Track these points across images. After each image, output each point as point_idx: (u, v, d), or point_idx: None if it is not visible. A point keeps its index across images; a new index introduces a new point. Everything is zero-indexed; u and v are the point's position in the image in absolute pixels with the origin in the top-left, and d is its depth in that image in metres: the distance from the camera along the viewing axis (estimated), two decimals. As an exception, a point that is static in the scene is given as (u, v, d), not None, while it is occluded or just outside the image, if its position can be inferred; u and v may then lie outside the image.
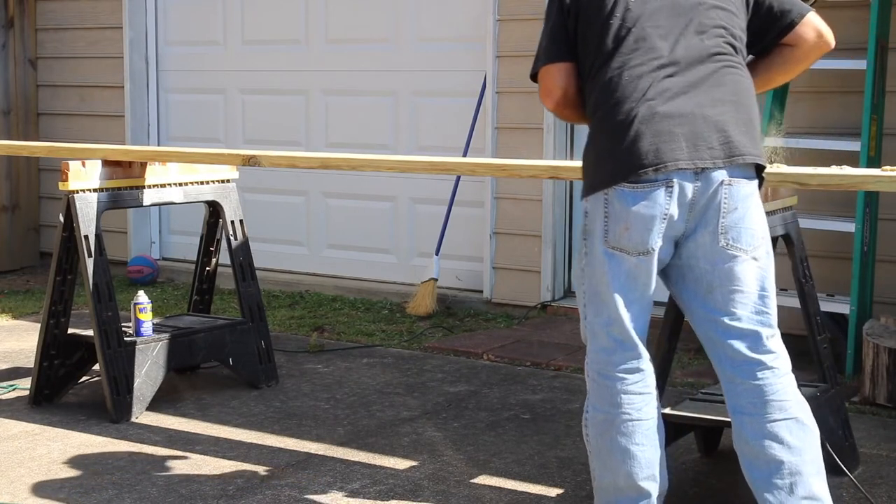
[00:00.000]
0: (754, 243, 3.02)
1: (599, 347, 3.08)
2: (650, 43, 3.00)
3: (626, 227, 2.97)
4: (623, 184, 2.95)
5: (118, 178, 4.57)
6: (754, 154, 3.00)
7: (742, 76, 3.07)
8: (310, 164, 4.69)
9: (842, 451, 3.84)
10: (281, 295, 6.84)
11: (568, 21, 3.10)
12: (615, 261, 3.01)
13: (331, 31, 6.99)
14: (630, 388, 3.05)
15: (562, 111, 3.19)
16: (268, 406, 4.69)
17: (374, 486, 3.78)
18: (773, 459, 2.99)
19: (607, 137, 3.00)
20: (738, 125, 2.99)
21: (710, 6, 3.05)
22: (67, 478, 3.86)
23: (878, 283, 5.25)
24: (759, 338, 3.02)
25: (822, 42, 3.16)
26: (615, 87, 2.99)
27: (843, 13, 5.32)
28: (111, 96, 7.60)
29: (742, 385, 3.03)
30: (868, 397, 4.61)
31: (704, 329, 3.08)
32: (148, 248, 7.65)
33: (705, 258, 3.01)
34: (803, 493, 2.99)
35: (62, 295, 4.60)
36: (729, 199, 2.97)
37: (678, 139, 2.94)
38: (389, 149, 6.73)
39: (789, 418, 3.01)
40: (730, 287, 3.01)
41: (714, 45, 3.03)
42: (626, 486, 3.05)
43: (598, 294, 3.05)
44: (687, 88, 2.98)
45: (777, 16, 3.12)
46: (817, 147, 5.17)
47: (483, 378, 5.09)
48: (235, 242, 4.93)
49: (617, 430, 3.04)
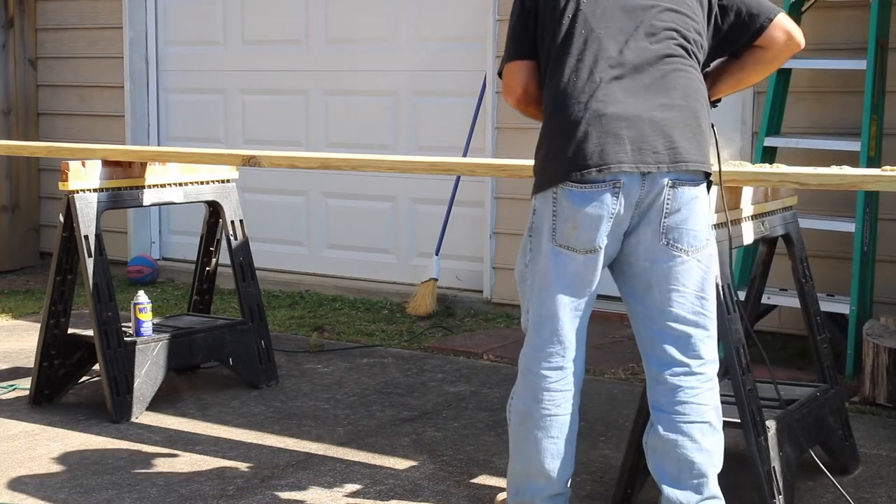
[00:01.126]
0: (697, 245, 3.06)
1: (530, 343, 3.16)
2: (600, 44, 3.05)
3: (573, 226, 3.03)
4: (571, 183, 3.01)
5: (118, 178, 4.57)
6: (698, 161, 3.04)
7: (693, 79, 3.10)
8: (310, 164, 4.69)
9: (842, 451, 3.84)
10: (281, 295, 6.84)
11: (528, 20, 3.16)
12: (562, 259, 3.07)
13: (331, 31, 6.99)
14: (552, 386, 3.13)
15: (523, 108, 3.25)
16: (268, 406, 4.69)
17: (374, 486, 3.78)
18: (684, 458, 3.07)
19: (556, 137, 3.06)
20: (684, 131, 3.03)
21: (662, 9, 3.09)
22: (67, 478, 3.86)
23: (878, 283, 5.25)
24: (690, 340, 3.08)
25: (792, 43, 3.19)
26: (565, 87, 3.05)
27: (843, 13, 5.33)
28: (111, 96, 7.60)
29: (665, 384, 3.10)
30: (868, 397, 4.61)
31: (640, 325, 3.14)
32: (148, 248, 7.65)
33: (645, 255, 3.06)
34: (708, 493, 3.09)
35: (62, 295, 4.60)
36: (672, 201, 3.03)
37: (623, 142, 2.99)
38: (389, 149, 6.73)
39: (704, 422, 3.08)
40: (668, 286, 3.06)
41: (664, 48, 3.07)
42: (536, 473, 3.17)
43: (539, 291, 3.12)
44: (635, 91, 3.03)
45: (746, 20, 3.16)
46: (817, 147, 5.17)
47: (483, 378, 5.09)
48: (235, 242, 4.93)
49: (535, 423, 3.14)
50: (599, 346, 5.57)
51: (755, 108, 5.51)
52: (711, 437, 3.09)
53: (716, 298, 3.13)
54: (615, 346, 5.61)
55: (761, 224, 3.60)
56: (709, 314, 3.09)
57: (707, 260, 3.09)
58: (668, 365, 3.09)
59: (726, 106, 5.73)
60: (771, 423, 3.36)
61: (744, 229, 3.48)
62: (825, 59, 5.30)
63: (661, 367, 3.10)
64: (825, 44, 5.36)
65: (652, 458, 3.14)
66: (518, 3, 3.20)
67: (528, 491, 3.21)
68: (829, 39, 5.36)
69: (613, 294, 6.15)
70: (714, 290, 3.12)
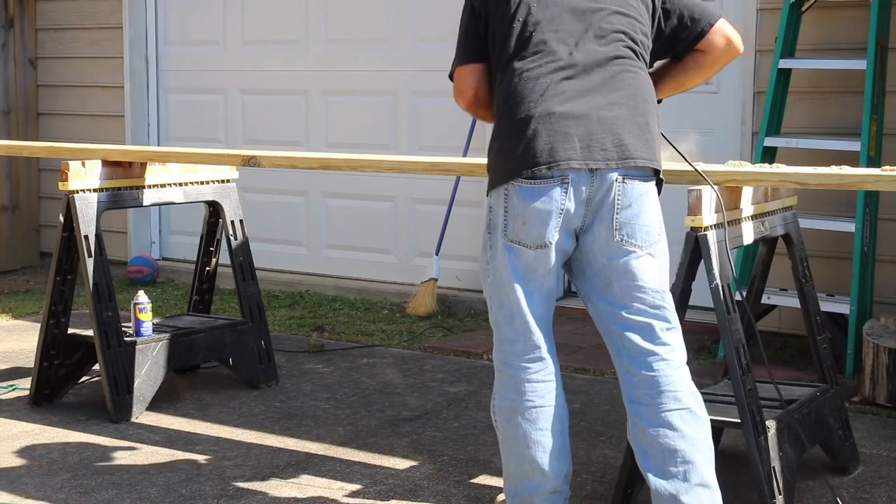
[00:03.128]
0: (650, 240, 3.13)
1: (503, 338, 3.20)
2: (550, 47, 3.12)
3: (523, 221, 3.10)
4: (521, 180, 3.08)
5: (118, 178, 4.57)
6: (646, 158, 3.11)
7: (640, 80, 3.18)
8: (310, 164, 4.69)
9: (842, 451, 3.84)
10: (281, 295, 6.84)
11: (478, 24, 3.24)
12: (515, 254, 3.14)
13: (331, 31, 6.99)
14: (533, 377, 3.18)
15: (474, 110, 3.33)
16: (268, 406, 4.69)
17: (374, 486, 3.78)
18: (667, 448, 3.09)
19: (507, 136, 3.13)
20: (632, 129, 3.11)
21: (610, 12, 3.17)
22: (67, 478, 3.86)
23: (878, 283, 5.25)
24: (654, 330, 3.13)
25: (731, 48, 3.27)
26: (516, 87, 3.12)
27: (843, 13, 5.33)
28: (111, 96, 7.60)
29: (638, 376, 3.14)
30: (868, 397, 4.61)
31: (604, 321, 3.19)
32: (148, 248, 7.65)
33: (602, 252, 3.13)
34: (696, 481, 3.07)
35: (62, 295, 4.60)
36: (623, 197, 3.09)
37: (573, 139, 3.06)
38: (389, 149, 6.73)
39: (683, 408, 3.11)
40: (627, 281, 3.12)
41: (613, 50, 3.15)
42: (531, 470, 3.18)
43: (501, 286, 3.18)
44: (584, 91, 3.10)
45: (688, 24, 3.25)
46: (817, 147, 5.17)
47: (483, 378, 5.09)
48: (235, 242, 4.93)
49: (522, 416, 3.18)
50: (599, 346, 5.55)
51: (755, 108, 5.51)
52: (693, 424, 3.11)
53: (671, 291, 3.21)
54: (615, 346, 5.61)
55: (761, 224, 3.60)
56: (668, 306, 3.16)
57: (660, 254, 3.17)
58: (638, 355, 3.14)
59: (727, 106, 5.78)
60: (771, 423, 3.36)
61: (744, 229, 3.48)
62: (825, 59, 5.31)
63: (631, 358, 3.15)
64: (825, 44, 5.36)
65: (638, 453, 3.17)
66: (468, 7, 3.27)
67: (525, 490, 3.21)
68: (829, 39, 5.36)
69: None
70: (668, 283, 3.19)
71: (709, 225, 3.29)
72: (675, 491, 3.07)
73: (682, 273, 3.36)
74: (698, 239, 3.29)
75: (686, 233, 3.32)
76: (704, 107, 5.89)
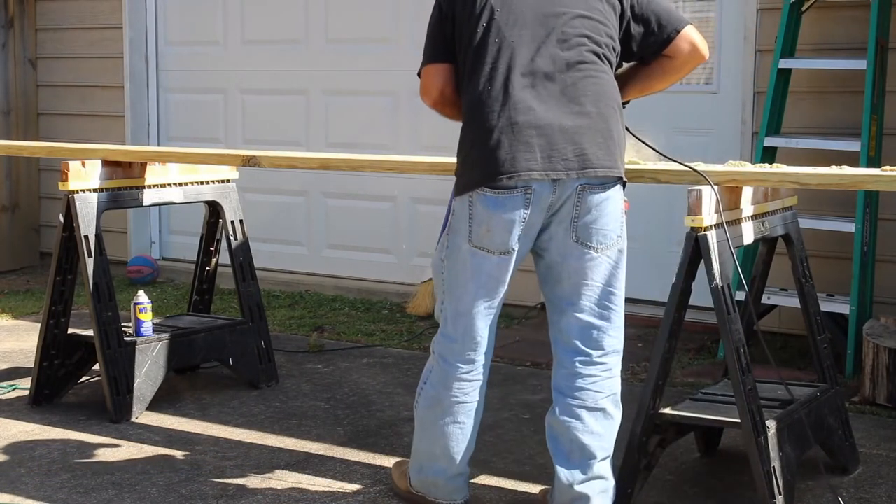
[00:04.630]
0: (606, 243, 3.25)
1: (447, 333, 3.39)
2: (513, 52, 3.20)
3: (487, 229, 3.21)
4: (485, 189, 3.19)
5: (118, 178, 4.57)
6: (607, 166, 3.20)
7: (604, 84, 3.24)
8: (310, 164, 4.68)
9: (842, 451, 3.84)
10: (281, 295, 6.84)
11: (445, 25, 3.32)
12: (478, 259, 3.26)
13: (331, 31, 6.99)
14: (463, 376, 3.38)
15: (440, 109, 3.44)
16: (268, 406, 4.69)
17: (374, 486, 3.78)
18: (575, 440, 3.30)
19: (472, 144, 3.24)
20: (594, 137, 3.19)
21: (574, 16, 3.22)
22: (67, 478, 3.86)
23: (878, 283, 5.25)
24: (594, 330, 3.29)
25: (696, 55, 3.34)
26: (479, 94, 3.21)
27: (843, 13, 5.33)
28: (111, 96, 7.60)
29: (566, 369, 3.33)
30: (868, 397, 4.61)
31: (550, 312, 3.38)
32: (148, 248, 7.65)
33: (557, 251, 3.27)
34: (593, 474, 3.32)
35: (62, 295, 4.60)
36: (582, 204, 3.21)
37: (534, 150, 3.15)
38: (389, 149, 6.72)
39: (598, 409, 3.31)
40: (577, 280, 3.27)
41: (575, 55, 3.21)
42: (441, 455, 3.42)
43: (456, 287, 3.33)
44: (546, 99, 3.18)
45: (655, 29, 3.31)
46: (817, 147, 5.17)
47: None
48: (235, 242, 4.93)
49: (443, 409, 3.39)
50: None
51: (755, 108, 5.51)
52: (603, 422, 3.32)
53: (624, 291, 3.32)
54: (615, 346, 5.61)
55: (761, 224, 3.60)
56: (615, 307, 3.30)
57: (616, 256, 3.28)
58: (572, 352, 3.30)
59: (727, 106, 5.78)
60: (771, 423, 3.36)
61: (744, 229, 3.48)
62: (825, 59, 5.31)
63: (565, 353, 3.32)
64: (825, 44, 5.36)
65: (549, 437, 3.38)
66: (436, 8, 3.36)
67: (432, 470, 3.46)
68: (829, 39, 5.36)
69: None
70: (623, 284, 3.31)
71: (709, 225, 3.29)
72: (573, 479, 3.31)
73: (682, 273, 3.36)
74: (698, 239, 3.29)
75: (686, 233, 3.32)
76: (704, 107, 5.90)
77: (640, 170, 3.54)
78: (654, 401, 3.45)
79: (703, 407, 3.64)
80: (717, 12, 5.85)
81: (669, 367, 3.51)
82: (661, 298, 3.34)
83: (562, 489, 3.34)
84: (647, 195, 5.98)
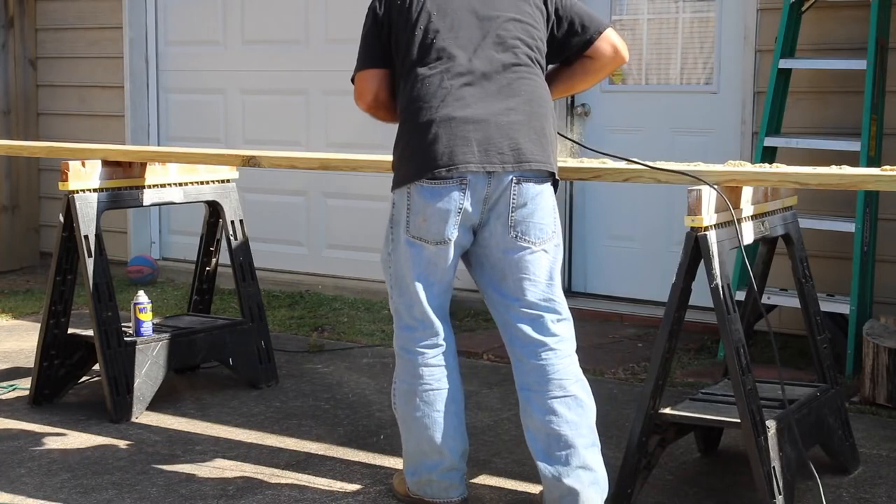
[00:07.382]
0: (543, 237, 3.35)
1: (403, 325, 3.45)
2: (450, 53, 3.32)
3: (423, 219, 3.31)
4: (423, 180, 3.29)
5: (118, 178, 4.57)
6: (540, 161, 3.31)
7: (536, 86, 3.36)
8: (310, 164, 4.69)
9: (842, 451, 3.84)
10: (281, 295, 6.84)
11: (381, 31, 3.45)
12: (416, 249, 3.36)
13: (331, 31, 6.99)
14: (430, 362, 3.42)
15: (374, 112, 3.54)
16: (268, 406, 4.69)
17: (374, 486, 3.78)
18: (552, 432, 3.32)
19: (410, 139, 3.33)
20: (528, 134, 3.31)
21: (507, 19, 3.35)
22: (67, 478, 3.86)
23: (878, 283, 5.26)
24: (544, 321, 3.35)
25: (617, 56, 3.46)
26: (418, 93, 3.32)
27: (843, 13, 5.33)
28: (111, 96, 7.60)
29: (528, 364, 3.36)
30: (868, 397, 4.61)
31: (499, 312, 3.42)
32: (148, 248, 7.65)
33: (497, 247, 3.34)
34: (577, 464, 3.32)
35: (62, 295, 4.60)
36: (518, 196, 3.30)
37: (471, 144, 3.26)
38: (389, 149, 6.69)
39: (568, 395, 3.34)
40: (520, 275, 3.34)
41: (510, 58, 3.34)
42: (429, 449, 3.44)
43: (402, 278, 3.42)
44: (483, 97, 3.29)
45: (578, 31, 3.43)
46: (817, 147, 5.17)
47: (483, 378, 5.09)
48: (235, 242, 4.93)
49: (420, 398, 3.42)
50: (599, 346, 5.57)
51: (755, 108, 5.52)
52: (577, 410, 3.34)
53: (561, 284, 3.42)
54: (615, 345, 5.61)
55: (761, 224, 3.60)
56: (558, 299, 3.38)
57: (554, 250, 3.38)
58: (528, 344, 3.35)
59: (727, 106, 5.78)
60: (771, 423, 3.36)
61: (744, 229, 3.48)
62: (825, 59, 5.31)
63: (523, 347, 3.36)
64: (825, 44, 5.37)
65: (528, 437, 3.39)
66: (371, 15, 3.48)
67: (424, 468, 3.47)
68: (829, 39, 5.37)
69: (614, 294, 6.16)
70: (559, 276, 3.40)
71: (709, 225, 3.29)
72: (557, 473, 3.31)
73: (682, 273, 3.36)
74: (698, 239, 3.29)
75: (686, 233, 3.32)
76: (704, 107, 5.90)
77: (640, 170, 3.54)
78: (654, 401, 3.45)
79: (703, 407, 3.64)
80: (717, 12, 5.85)
81: (669, 367, 3.51)
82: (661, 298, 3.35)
83: (549, 485, 3.35)
84: (647, 195, 5.99)
